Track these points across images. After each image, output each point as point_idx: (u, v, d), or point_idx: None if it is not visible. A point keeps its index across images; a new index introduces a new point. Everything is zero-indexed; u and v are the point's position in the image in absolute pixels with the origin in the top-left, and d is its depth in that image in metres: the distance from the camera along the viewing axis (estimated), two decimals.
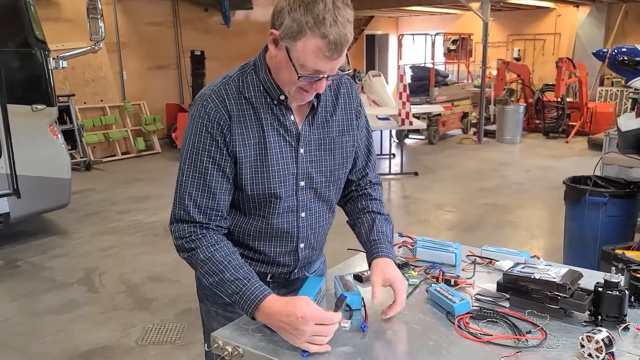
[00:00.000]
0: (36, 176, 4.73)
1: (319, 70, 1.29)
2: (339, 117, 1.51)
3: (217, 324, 1.52)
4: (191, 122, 1.40)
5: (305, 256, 1.58)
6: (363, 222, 1.59)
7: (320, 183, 1.50)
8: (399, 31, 15.58)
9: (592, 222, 3.70)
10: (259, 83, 1.39)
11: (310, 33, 1.22)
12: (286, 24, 1.23)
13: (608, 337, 1.22)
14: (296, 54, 1.26)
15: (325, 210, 1.57)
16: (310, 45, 1.23)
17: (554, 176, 7.21)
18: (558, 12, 13.60)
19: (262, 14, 11.69)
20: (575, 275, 1.48)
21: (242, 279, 1.35)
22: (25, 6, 4.55)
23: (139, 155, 9.24)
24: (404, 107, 7.33)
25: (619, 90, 11.69)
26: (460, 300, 1.43)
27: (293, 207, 1.48)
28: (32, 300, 3.95)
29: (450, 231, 5.49)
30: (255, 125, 1.39)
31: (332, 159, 1.50)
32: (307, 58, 1.25)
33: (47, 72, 4.66)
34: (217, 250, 1.38)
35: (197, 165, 1.39)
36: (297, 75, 1.28)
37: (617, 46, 4.39)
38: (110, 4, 9.15)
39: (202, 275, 1.39)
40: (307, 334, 1.24)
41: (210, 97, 1.37)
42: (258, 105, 1.39)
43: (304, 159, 1.45)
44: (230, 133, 1.37)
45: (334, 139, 1.49)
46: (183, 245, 1.41)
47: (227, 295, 1.36)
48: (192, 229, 1.40)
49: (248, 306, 1.32)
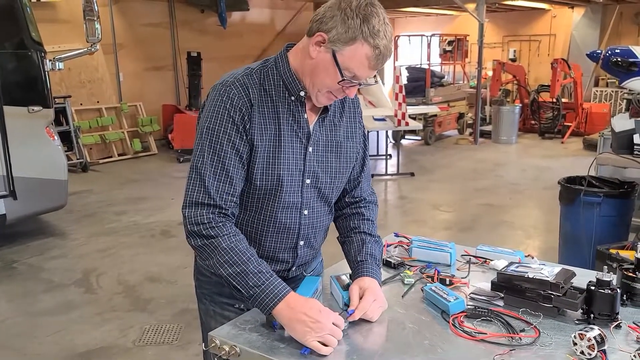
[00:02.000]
0: (33, 178, 4.73)
1: (357, 77, 1.37)
2: (345, 123, 1.57)
3: (216, 322, 1.53)
4: (212, 107, 1.41)
5: (304, 254, 1.60)
6: (352, 242, 1.62)
7: (325, 183, 1.54)
8: (395, 32, 15.57)
9: (587, 222, 3.72)
10: (280, 78, 1.45)
11: (363, 41, 1.32)
12: (339, 29, 1.32)
13: (600, 335, 1.24)
14: (343, 58, 1.34)
15: (326, 211, 1.60)
16: (361, 52, 1.33)
17: (550, 176, 7.25)
18: (553, 13, 13.64)
19: (258, 15, 11.70)
20: (569, 274, 1.50)
21: (266, 272, 1.37)
22: (22, 7, 4.55)
23: (135, 156, 9.23)
24: (400, 108, 7.36)
25: (613, 91, 11.73)
26: (455, 300, 1.45)
27: (297, 204, 1.51)
28: (30, 302, 3.95)
29: (446, 231, 5.51)
30: (273, 117, 1.44)
31: (337, 161, 1.55)
32: (353, 64, 1.34)
33: (44, 74, 4.66)
34: (239, 242, 1.40)
35: (216, 149, 1.40)
36: (342, 78, 1.36)
37: (611, 47, 4.43)
38: (107, 5, 9.14)
39: (221, 264, 1.37)
40: (326, 329, 1.29)
41: (233, 84, 1.42)
42: (277, 98, 1.44)
43: (311, 157, 1.49)
44: (251, 121, 1.41)
45: (340, 142, 1.55)
46: (200, 232, 1.39)
47: (247, 287, 1.35)
48: (212, 215, 1.39)
49: (270, 299, 1.34)
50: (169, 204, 6.38)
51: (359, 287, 1.47)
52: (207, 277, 1.60)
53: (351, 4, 1.32)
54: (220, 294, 1.58)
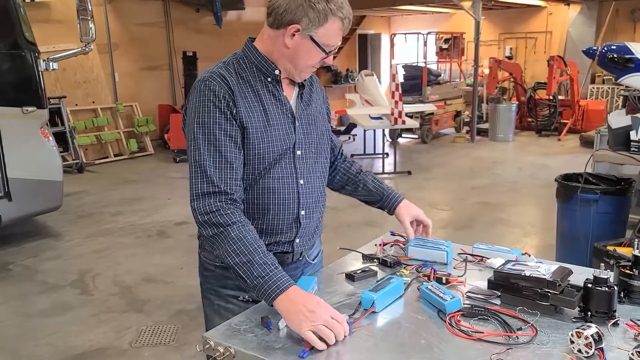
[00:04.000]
0: (27, 179, 4.71)
1: (334, 46, 1.53)
2: (315, 100, 1.70)
3: (220, 318, 1.57)
4: (197, 103, 1.48)
5: (306, 224, 1.65)
6: (366, 178, 1.89)
7: (312, 153, 1.64)
8: (391, 30, 15.59)
9: (584, 219, 3.71)
10: (252, 65, 1.54)
11: (334, 17, 1.46)
12: (310, 16, 1.44)
13: (597, 332, 1.23)
14: (320, 37, 1.48)
15: (321, 179, 1.70)
16: (335, 26, 1.48)
17: (547, 174, 7.25)
18: (549, 10, 13.65)
19: (253, 14, 11.67)
20: (566, 272, 1.49)
21: (271, 264, 1.41)
22: (15, 8, 4.52)
23: (131, 156, 9.21)
24: (396, 107, 7.35)
25: (610, 87, 11.75)
26: (451, 298, 1.44)
27: (293, 175, 1.59)
28: (25, 303, 3.93)
29: (443, 229, 5.50)
30: (256, 99, 1.52)
31: (317, 134, 1.66)
32: (330, 39, 1.49)
33: (38, 74, 4.64)
34: (248, 232, 1.44)
35: (211, 139, 1.46)
36: (326, 54, 1.51)
37: (607, 44, 4.41)
38: (101, 5, 9.11)
39: (229, 253, 1.41)
40: (321, 320, 1.30)
41: (211, 77, 1.49)
42: (255, 82, 1.54)
43: (299, 130, 1.60)
44: (235, 106, 1.48)
45: (316, 116, 1.67)
46: (211, 220, 1.43)
47: (251, 277, 1.39)
48: (219, 203, 1.44)
49: (273, 290, 1.36)
50: (166, 204, 6.36)
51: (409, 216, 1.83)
52: (212, 271, 1.64)
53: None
54: (225, 287, 1.62)
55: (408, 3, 11.35)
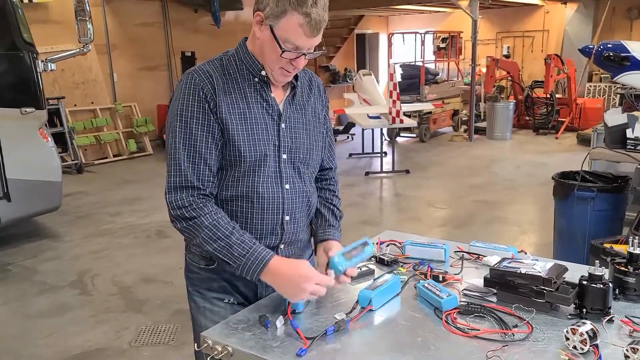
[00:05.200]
0: (26, 180, 4.71)
1: (299, 47, 1.44)
2: (312, 105, 1.65)
3: (205, 319, 1.57)
4: (179, 95, 1.49)
5: (290, 230, 1.61)
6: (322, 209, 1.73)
7: (299, 160, 1.60)
8: (388, 30, 15.59)
9: (581, 217, 3.73)
10: (241, 63, 1.54)
11: (293, 11, 1.39)
12: (271, 5, 1.40)
13: (592, 329, 1.25)
14: (279, 31, 1.42)
15: (308, 186, 1.64)
16: (293, 21, 1.40)
17: (544, 172, 7.26)
18: (546, 9, 13.66)
19: (251, 14, 11.66)
20: (561, 269, 1.51)
21: (249, 241, 1.45)
22: (13, 9, 4.52)
23: (130, 157, 9.21)
24: (394, 106, 7.36)
25: (607, 86, 11.77)
26: (447, 296, 1.45)
27: (277, 178, 1.56)
28: (24, 304, 3.93)
29: (441, 228, 5.51)
30: (240, 98, 1.51)
31: (307, 139, 1.62)
32: (289, 34, 1.41)
33: (36, 75, 4.63)
34: (220, 218, 1.47)
35: (186, 133, 1.47)
36: (281, 50, 1.42)
37: (603, 42, 4.42)
38: (99, 6, 9.11)
39: (206, 241, 1.45)
40: (307, 292, 1.40)
41: (195, 71, 1.50)
42: (242, 81, 1.52)
43: (285, 133, 1.56)
44: (216, 102, 1.48)
45: (309, 121, 1.63)
46: (183, 215, 1.47)
47: (233, 258, 1.43)
48: (191, 198, 1.47)
49: (256, 266, 1.42)
50: (164, 204, 6.32)
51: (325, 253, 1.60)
52: (197, 273, 1.63)
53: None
54: (210, 289, 1.62)
55: (405, 2, 11.34)
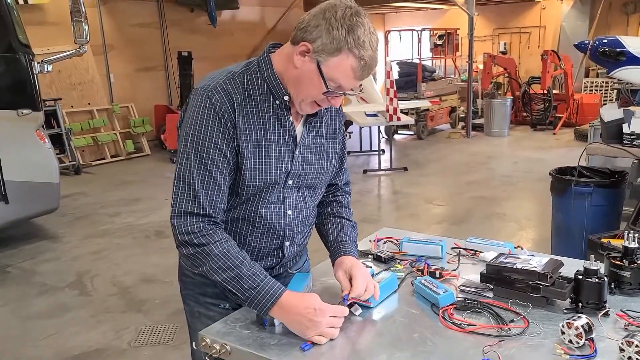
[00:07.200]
0: (24, 181, 4.71)
1: (342, 87, 1.37)
2: (328, 126, 1.57)
3: (201, 324, 1.53)
4: (195, 114, 1.38)
5: (289, 255, 1.60)
6: (331, 223, 1.66)
7: (305, 185, 1.54)
8: (385, 27, 15.60)
9: (578, 212, 3.74)
10: (264, 82, 1.43)
11: (349, 52, 1.30)
12: (324, 40, 1.30)
13: (588, 323, 1.25)
14: (327, 69, 1.33)
15: (310, 211, 1.60)
16: (346, 64, 1.32)
17: (542, 168, 7.26)
18: (542, 5, 13.68)
19: (248, 14, 11.67)
20: (557, 264, 1.52)
21: (259, 274, 1.38)
22: (8, 10, 4.51)
23: (128, 157, 9.20)
24: (391, 103, 7.36)
25: (604, 81, 11.78)
26: (444, 292, 1.46)
27: (280, 203, 1.50)
28: (23, 305, 3.94)
29: (439, 224, 5.52)
30: (258, 122, 1.42)
31: (318, 162, 1.54)
32: (338, 75, 1.33)
33: (32, 77, 4.63)
34: (231, 247, 1.40)
35: (203, 157, 1.38)
36: (326, 89, 1.34)
37: (599, 38, 4.43)
38: (95, 7, 9.09)
39: (215, 270, 1.38)
40: (323, 326, 1.32)
41: (215, 89, 1.38)
42: (261, 102, 1.42)
43: (297, 160, 1.49)
44: (235, 127, 1.38)
45: (322, 144, 1.55)
46: (192, 241, 1.38)
47: (242, 290, 1.36)
48: (202, 224, 1.38)
49: (266, 300, 1.35)
50: (163, 204, 6.36)
51: (343, 270, 1.50)
52: (191, 277, 1.61)
53: (336, 14, 1.30)
54: (204, 294, 1.58)
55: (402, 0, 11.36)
